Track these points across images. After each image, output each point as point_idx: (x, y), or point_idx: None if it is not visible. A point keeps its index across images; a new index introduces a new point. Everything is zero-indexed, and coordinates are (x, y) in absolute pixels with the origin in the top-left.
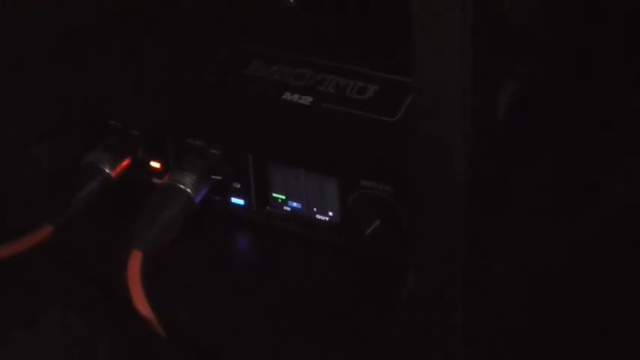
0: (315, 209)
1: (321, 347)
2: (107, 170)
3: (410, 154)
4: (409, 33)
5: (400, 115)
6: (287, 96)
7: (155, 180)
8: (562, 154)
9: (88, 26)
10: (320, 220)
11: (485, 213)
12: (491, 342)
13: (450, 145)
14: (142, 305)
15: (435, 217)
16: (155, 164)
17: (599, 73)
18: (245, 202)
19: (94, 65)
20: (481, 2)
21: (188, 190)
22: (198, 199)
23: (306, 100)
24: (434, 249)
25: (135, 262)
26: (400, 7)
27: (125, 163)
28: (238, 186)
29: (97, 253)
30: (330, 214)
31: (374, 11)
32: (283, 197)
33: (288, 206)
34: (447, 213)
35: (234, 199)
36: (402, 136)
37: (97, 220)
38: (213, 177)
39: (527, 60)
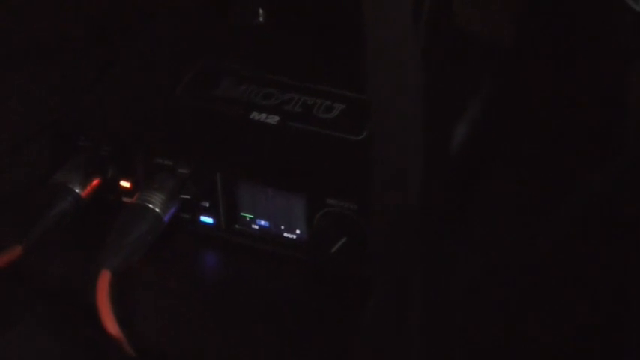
0: (282, 227)
1: None
2: (77, 190)
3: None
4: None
5: (366, 134)
6: (254, 115)
7: (125, 199)
8: (522, 170)
9: (57, 46)
10: (287, 237)
11: (441, 234)
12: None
13: (403, 169)
14: (111, 324)
15: (389, 238)
16: (125, 184)
17: (563, 85)
18: (214, 220)
19: (64, 84)
20: (435, 25)
21: (157, 209)
22: (167, 218)
23: (274, 119)
24: (389, 269)
25: (103, 281)
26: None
27: (95, 182)
28: (207, 205)
29: (67, 272)
30: (298, 232)
31: (342, 31)
32: (251, 216)
33: (257, 224)
34: (401, 235)
35: (203, 218)
36: (367, 155)
37: (67, 240)
38: (182, 196)
39: (491, 75)
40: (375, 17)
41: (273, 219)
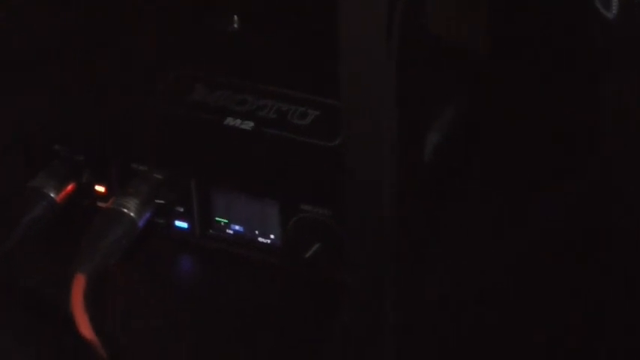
0: (257, 232)
1: None
2: (52, 194)
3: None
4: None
5: (339, 140)
6: (229, 121)
7: (100, 204)
8: (495, 176)
9: (34, 53)
10: (262, 242)
11: (414, 239)
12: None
13: (376, 176)
14: (85, 328)
15: (364, 244)
16: (100, 188)
17: (537, 92)
18: (188, 225)
19: (39, 91)
20: (408, 35)
21: (132, 213)
22: (141, 222)
23: (248, 125)
24: (364, 274)
25: (78, 285)
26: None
27: (70, 187)
28: (182, 210)
29: (42, 276)
30: (272, 237)
31: (316, 39)
32: (226, 221)
33: (231, 229)
34: (375, 241)
35: (177, 223)
36: (341, 161)
37: (42, 244)
38: (157, 201)
39: (466, 83)
40: (349, 28)
41: (248, 224)
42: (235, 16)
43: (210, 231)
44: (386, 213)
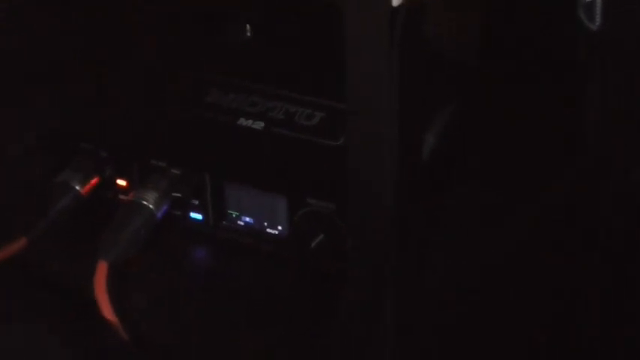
0: (265, 224)
1: (268, 347)
2: (77, 188)
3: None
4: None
5: (343, 139)
6: (242, 121)
7: (121, 197)
8: (488, 175)
9: (61, 57)
10: (270, 233)
11: (414, 235)
12: (423, 349)
13: (378, 174)
14: (107, 311)
15: (365, 238)
16: (121, 182)
17: (525, 99)
18: (203, 217)
19: (67, 93)
20: (408, 46)
21: (151, 206)
22: (159, 214)
23: (259, 125)
24: (364, 263)
25: (101, 272)
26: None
27: (94, 181)
28: (197, 202)
29: (67, 263)
30: (280, 228)
31: (323, 46)
32: (237, 213)
33: (242, 221)
34: (376, 235)
35: (192, 215)
36: (345, 159)
37: (68, 234)
38: (174, 194)
39: (460, 90)
40: (354, 39)
41: (258, 216)
42: (248, 26)
43: (223, 222)
44: (385, 209)
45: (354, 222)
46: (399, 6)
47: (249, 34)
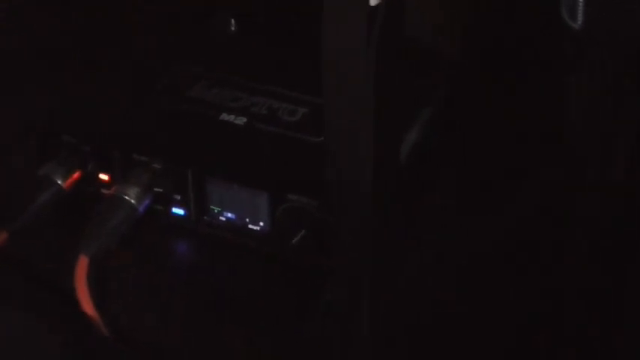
0: (247, 220)
1: (250, 342)
2: (59, 182)
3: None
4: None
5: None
6: (224, 116)
7: (103, 191)
8: (469, 171)
9: (44, 47)
10: (252, 229)
11: (392, 230)
12: (401, 343)
13: (357, 171)
14: (88, 306)
15: (346, 233)
16: (103, 177)
17: (508, 96)
18: (185, 212)
19: (50, 87)
20: (387, 41)
21: (132, 200)
22: (141, 209)
23: (241, 120)
24: (346, 260)
25: (82, 266)
26: None
27: (76, 175)
28: (179, 197)
29: (48, 257)
30: (261, 224)
31: (306, 42)
32: (219, 208)
33: (224, 216)
34: (357, 228)
35: (174, 210)
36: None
37: (49, 227)
38: (156, 189)
39: (443, 83)
40: (331, 38)
41: (239, 212)
42: (232, 20)
43: (205, 218)
44: (365, 204)
45: (335, 217)
46: (377, 5)
47: (233, 28)
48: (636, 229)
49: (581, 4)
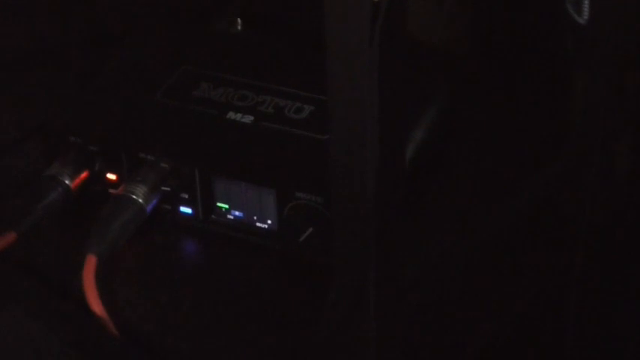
0: (255, 218)
1: (258, 340)
2: (67, 182)
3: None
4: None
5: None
6: (231, 115)
7: (111, 190)
8: (472, 168)
9: (51, 47)
10: (259, 227)
11: (394, 226)
12: (406, 342)
13: (360, 169)
14: (96, 305)
15: (348, 230)
16: (111, 176)
17: (512, 92)
18: (192, 211)
19: (58, 87)
20: (390, 39)
21: (140, 200)
22: (149, 208)
23: (248, 119)
24: (348, 257)
25: (90, 266)
26: None
27: (83, 175)
28: (186, 196)
29: (56, 257)
30: (269, 222)
31: (312, 40)
32: (227, 207)
33: (231, 215)
34: (358, 227)
35: (182, 208)
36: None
37: (57, 227)
38: (163, 188)
39: (445, 82)
40: (334, 37)
41: (247, 210)
42: (239, 19)
43: (213, 216)
44: (368, 203)
45: (337, 215)
46: (380, 1)
47: (239, 27)
48: (636, 228)
49: None
